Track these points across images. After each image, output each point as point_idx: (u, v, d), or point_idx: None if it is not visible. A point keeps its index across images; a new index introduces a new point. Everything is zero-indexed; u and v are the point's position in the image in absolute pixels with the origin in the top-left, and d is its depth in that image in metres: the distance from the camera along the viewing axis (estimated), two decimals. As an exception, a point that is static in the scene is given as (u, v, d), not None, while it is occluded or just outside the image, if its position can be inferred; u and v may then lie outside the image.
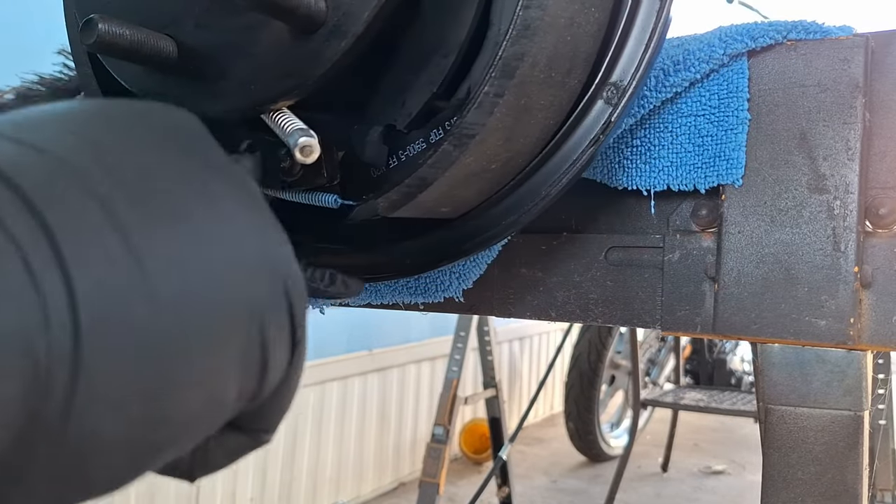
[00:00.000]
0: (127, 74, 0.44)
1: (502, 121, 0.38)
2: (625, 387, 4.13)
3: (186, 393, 0.23)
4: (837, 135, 0.43)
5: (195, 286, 0.23)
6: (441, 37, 0.41)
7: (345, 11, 0.37)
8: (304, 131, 0.38)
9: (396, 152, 0.44)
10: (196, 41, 0.41)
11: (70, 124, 0.25)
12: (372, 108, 0.44)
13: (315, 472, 3.05)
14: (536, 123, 0.40)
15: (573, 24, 0.38)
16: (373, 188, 0.43)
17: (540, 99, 0.39)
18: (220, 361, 0.24)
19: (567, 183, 0.43)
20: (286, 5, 0.35)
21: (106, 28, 0.38)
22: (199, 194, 0.25)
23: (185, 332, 0.23)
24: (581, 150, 0.42)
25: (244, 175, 0.28)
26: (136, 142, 0.26)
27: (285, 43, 0.38)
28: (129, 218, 0.23)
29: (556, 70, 0.39)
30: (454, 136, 0.38)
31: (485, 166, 0.41)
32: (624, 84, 0.41)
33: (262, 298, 0.25)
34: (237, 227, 0.26)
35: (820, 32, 0.44)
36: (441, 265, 0.47)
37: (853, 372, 0.43)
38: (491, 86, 0.37)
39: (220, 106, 0.41)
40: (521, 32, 0.36)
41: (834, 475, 0.42)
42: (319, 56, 0.37)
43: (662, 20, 0.41)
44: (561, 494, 3.53)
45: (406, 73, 0.43)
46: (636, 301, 0.50)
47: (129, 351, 0.22)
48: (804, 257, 0.43)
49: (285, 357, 0.27)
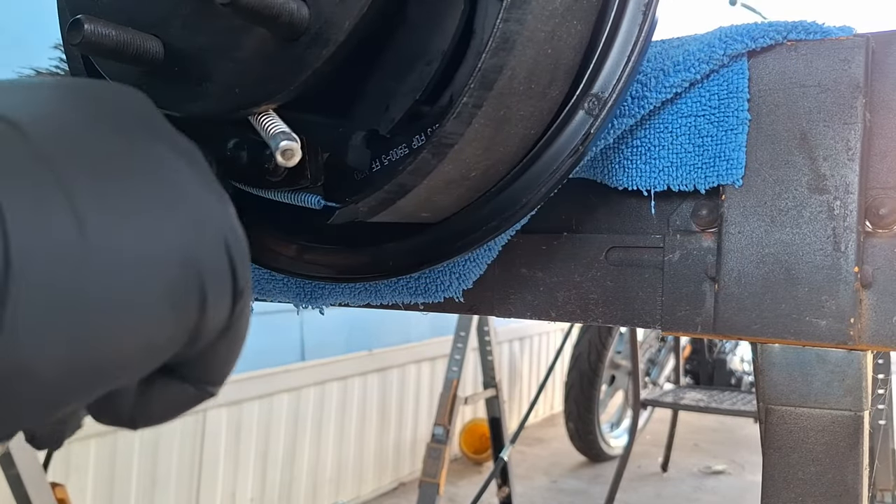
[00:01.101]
0: (115, 74, 0.45)
1: (481, 131, 0.39)
2: (625, 387, 4.13)
3: (113, 327, 0.25)
4: (838, 135, 0.43)
5: (128, 232, 0.25)
6: (425, 44, 0.41)
7: (326, 20, 0.37)
8: (287, 135, 0.38)
9: (380, 156, 0.45)
10: (182, 42, 0.41)
11: (27, 93, 0.28)
12: (356, 112, 0.45)
13: (315, 472, 3.05)
14: (516, 134, 0.41)
15: (554, 38, 0.38)
16: (356, 191, 0.43)
17: (520, 110, 0.39)
18: (149, 300, 0.26)
19: (546, 192, 0.43)
20: (268, 13, 0.36)
21: (92, 28, 0.38)
22: (142, 155, 0.28)
23: (115, 272, 0.25)
24: (561, 159, 0.42)
25: (190, 145, 0.30)
26: (85, 111, 0.28)
27: (268, 48, 0.39)
28: (69, 171, 0.25)
29: (536, 82, 0.39)
30: (433, 144, 0.39)
31: (464, 174, 0.41)
32: (605, 96, 0.41)
33: (198, 248, 0.27)
34: (178, 184, 0.28)
35: (820, 33, 0.44)
36: (422, 268, 0.48)
37: (853, 372, 0.43)
38: (470, 97, 0.37)
39: (204, 108, 0.41)
40: (499, 45, 0.36)
41: (834, 475, 0.42)
42: (301, 63, 0.38)
43: (645, 33, 0.41)
44: (561, 495, 3.53)
45: (390, 79, 0.43)
46: (636, 301, 0.50)
47: (58, 286, 0.23)
48: (804, 257, 0.43)
49: (226, 305, 0.29)
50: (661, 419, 4.22)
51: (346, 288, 0.58)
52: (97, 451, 2.25)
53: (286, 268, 0.53)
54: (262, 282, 0.62)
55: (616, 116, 0.46)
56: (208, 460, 2.61)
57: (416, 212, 0.43)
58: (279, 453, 2.89)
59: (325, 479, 3.10)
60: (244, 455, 2.75)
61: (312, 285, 0.59)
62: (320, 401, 3.06)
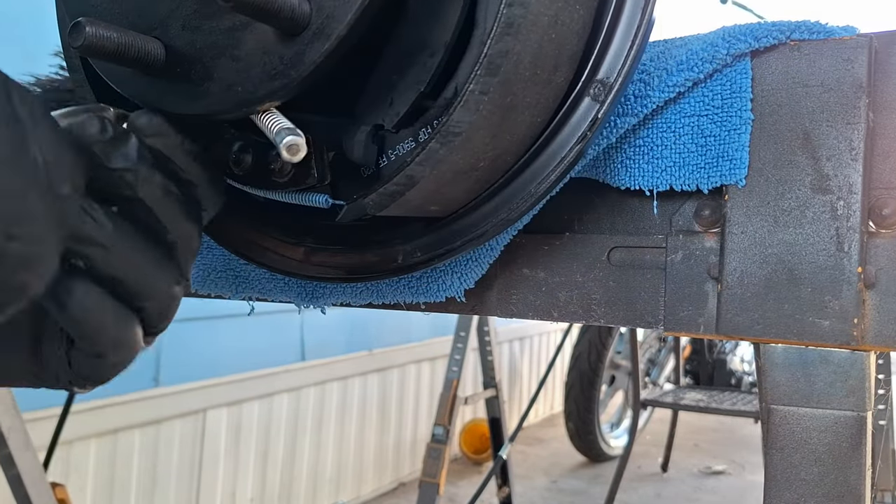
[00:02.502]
0: (116, 77, 0.44)
1: (488, 119, 0.39)
2: (625, 387, 4.13)
3: None
4: (841, 135, 0.43)
5: None
6: (428, 36, 0.41)
7: (328, 14, 0.37)
8: (291, 130, 0.38)
9: (386, 152, 0.45)
10: (183, 43, 0.41)
11: None
12: (361, 108, 0.45)
13: (315, 472, 3.05)
14: (523, 121, 0.41)
15: (557, 22, 0.38)
16: (363, 188, 0.43)
17: (526, 97, 0.39)
18: None
19: (555, 180, 0.43)
20: (269, 8, 0.36)
21: (93, 31, 0.38)
22: None
23: None
24: (569, 147, 0.42)
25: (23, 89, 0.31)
26: None
27: (269, 45, 0.39)
28: None
29: (541, 68, 0.39)
30: (441, 134, 0.39)
31: (472, 164, 0.41)
32: (610, 81, 0.41)
33: None
34: None
35: (823, 32, 0.43)
36: (432, 264, 0.47)
37: (856, 373, 0.43)
38: (476, 84, 0.37)
39: (207, 107, 0.41)
40: (504, 30, 0.37)
41: (837, 476, 0.42)
42: (303, 58, 0.38)
43: (647, 17, 0.41)
44: (561, 495, 3.53)
45: (394, 73, 0.43)
46: (639, 301, 0.50)
47: None
48: (807, 258, 0.43)
49: None
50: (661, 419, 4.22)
51: (347, 287, 0.58)
52: (97, 451, 2.25)
53: (295, 271, 0.53)
54: (263, 281, 0.61)
55: (619, 115, 0.46)
56: (208, 460, 2.61)
57: (425, 205, 0.43)
58: (279, 453, 2.89)
59: (325, 479, 3.10)
60: (244, 455, 2.75)
61: (314, 285, 0.59)
62: (320, 401, 3.06)
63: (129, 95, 0.44)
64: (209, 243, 0.62)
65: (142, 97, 0.43)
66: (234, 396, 2.68)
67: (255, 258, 0.54)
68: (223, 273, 0.63)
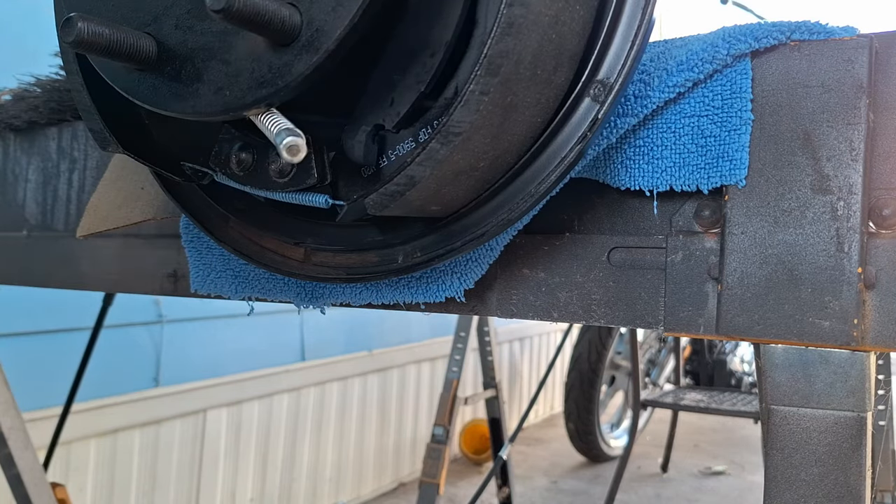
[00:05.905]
0: (109, 71, 0.45)
1: (489, 118, 0.39)
2: (625, 387, 4.13)
3: None
4: (841, 135, 0.43)
5: None
6: (428, 36, 0.41)
7: (318, 28, 0.37)
8: (291, 131, 0.38)
9: (386, 152, 0.45)
10: (175, 41, 0.42)
11: None
12: (361, 108, 0.45)
13: (315, 472, 3.05)
14: (523, 121, 0.41)
15: (558, 22, 0.38)
16: (363, 188, 0.43)
17: (526, 97, 0.39)
18: None
19: (555, 180, 0.43)
20: (259, 19, 0.36)
21: (85, 27, 0.38)
22: None
23: None
24: (569, 147, 0.42)
25: None
26: None
27: (259, 53, 0.39)
28: None
29: (541, 68, 0.39)
30: (441, 134, 0.39)
31: (473, 164, 0.41)
32: (610, 81, 0.41)
33: None
34: None
35: (823, 33, 0.43)
36: (432, 265, 0.47)
37: (856, 373, 0.42)
38: (477, 84, 0.37)
39: (194, 108, 0.41)
40: (505, 30, 0.37)
41: (837, 476, 0.42)
42: (291, 69, 0.38)
43: (647, 17, 0.41)
44: (561, 495, 3.53)
45: (394, 73, 0.43)
46: (639, 302, 0.50)
47: None
48: (807, 258, 0.43)
49: None
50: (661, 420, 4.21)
51: (347, 287, 0.58)
52: (97, 451, 2.25)
53: (296, 271, 0.53)
54: (263, 281, 0.61)
55: (619, 116, 0.46)
56: (208, 460, 2.61)
57: (426, 205, 0.43)
58: (279, 453, 2.89)
59: (325, 479, 3.10)
60: (244, 455, 2.75)
61: (314, 285, 0.59)
62: (320, 401, 3.06)
63: (122, 90, 0.44)
64: (209, 243, 0.62)
65: (134, 93, 0.44)
66: (234, 396, 2.68)
67: (255, 258, 0.54)
68: (223, 273, 0.63)
